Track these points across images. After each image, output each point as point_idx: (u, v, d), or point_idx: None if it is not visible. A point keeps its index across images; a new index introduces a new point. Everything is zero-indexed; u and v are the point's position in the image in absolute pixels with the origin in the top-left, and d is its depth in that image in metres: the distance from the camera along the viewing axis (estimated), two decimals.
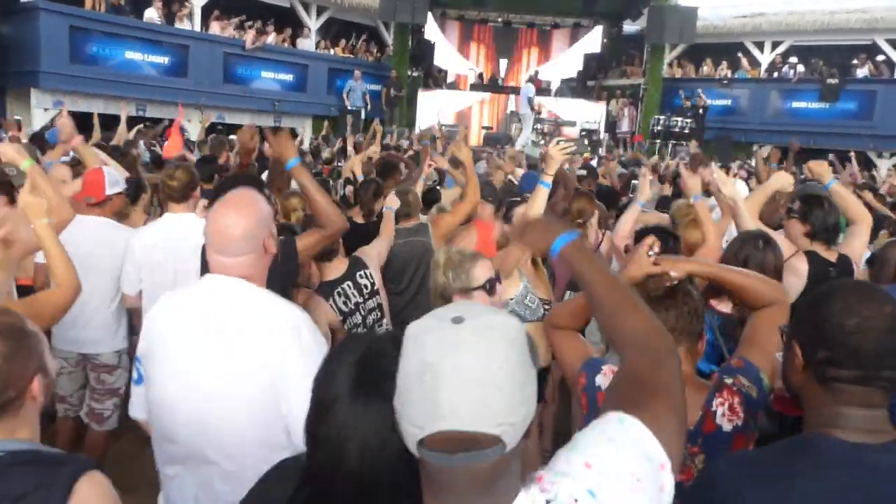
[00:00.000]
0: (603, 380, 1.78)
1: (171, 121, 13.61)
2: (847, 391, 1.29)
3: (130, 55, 13.45)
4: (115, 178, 3.64)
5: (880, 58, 16.11)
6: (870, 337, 1.27)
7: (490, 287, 2.43)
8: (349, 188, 5.99)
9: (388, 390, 1.01)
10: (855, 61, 16.11)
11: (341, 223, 2.77)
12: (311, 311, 3.14)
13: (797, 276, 3.03)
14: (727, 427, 1.76)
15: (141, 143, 8.35)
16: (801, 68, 16.72)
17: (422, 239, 4.08)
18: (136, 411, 1.95)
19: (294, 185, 5.39)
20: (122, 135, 7.72)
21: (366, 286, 3.45)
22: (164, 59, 14.02)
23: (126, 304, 3.63)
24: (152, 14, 13.72)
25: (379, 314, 3.51)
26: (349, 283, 3.41)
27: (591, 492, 0.96)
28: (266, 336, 1.77)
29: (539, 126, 15.18)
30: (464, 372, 0.89)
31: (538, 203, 3.19)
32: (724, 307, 2.65)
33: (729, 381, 1.80)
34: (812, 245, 3.26)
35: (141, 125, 10.53)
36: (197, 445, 1.77)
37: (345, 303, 3.37)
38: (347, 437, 1.09)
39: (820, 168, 3.56)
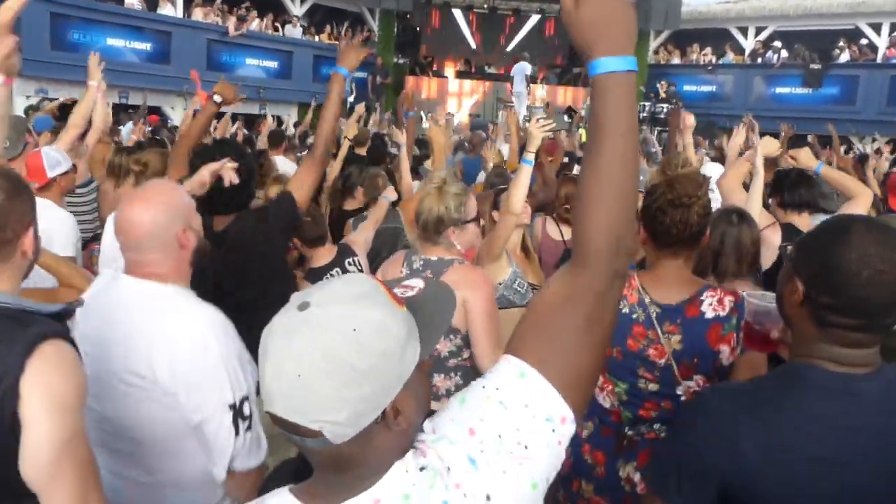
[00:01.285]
0: None
1: (152, 109, 13.51)
2: (842, 336, 1.27)
3: (112, 42, 13.30)
4: (55, 158, 3.44)
5: (863, 41, 16.24)
6: (881, 291, 1.22)
7: (478, 219, 2.56)
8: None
9: None
10: (841, 43, 16.20)
11: (329, 145, 2.89)
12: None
13: (769, 247, 3.04)
14: (709, 314, 1.88)
15: (129, 124, 8.24)
16: (784, 53, 16.82)
17: (392, 225, 4.03)
18: None
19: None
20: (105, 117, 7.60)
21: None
22: (146, 46, 13.89)
23: None
24: (133, 0, 13.56)
25: None
26: (338, 269, 3.39)
27: (471, 459, 0.90)
28: (167, 357, 1.64)
29: (527, 113, 15.15)
30: (284, 363, 0.87)
31: (522, 182, 3.10)
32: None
33: (741, 290, 1.92)
34: (787, 216, 3.32)
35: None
36: (104, 443, 1.72)
37: None
38: None
39: (803, 155, 3.49)
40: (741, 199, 3.35)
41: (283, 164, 6.30)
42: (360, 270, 3.46)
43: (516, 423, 0.93)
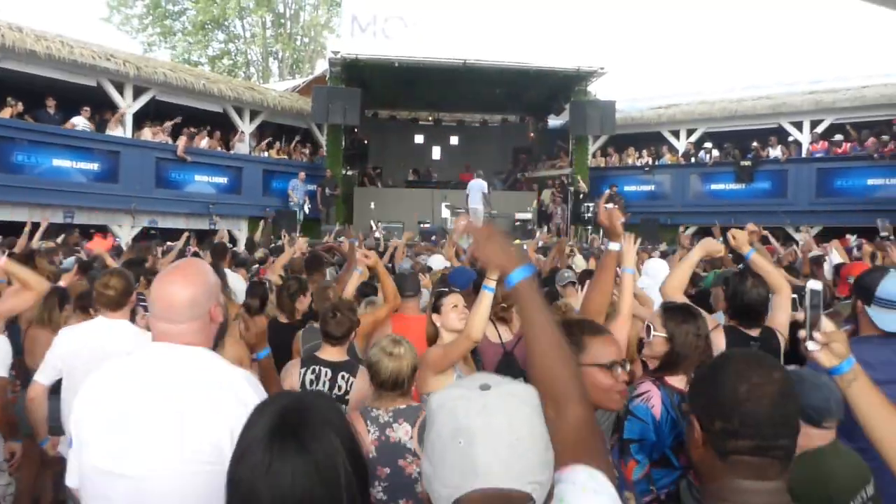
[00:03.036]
0: None
1: (100, 227, 13.40)
2: (744, 463, 1.27)
3: (58, 162, 13.31)
4: None
5: (790, 138, 17.31)
6: (763, 403, 1.27)
7: None
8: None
9: (306, 439, 1.11)
10: (755, 143, 17.23)
11: None
12: (286, 369, 3.31)
13: (715, 350, 3.02)
14: None
15: (69, 259, 8.04)
16: (716, 153, 17.78)
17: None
18: (71, 479, 1.86)
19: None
20: (21, 245, 7.45)
21: (339, 388, 3.32)
22: (93, 166, 13.92)
23: (30, 395, 3.46)
24: (79, 121, 13.68)
25: None
26: (329, 370, 3.33)
27: None
28: (214, 413, 1.68)
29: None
30: (496, 433, 0.97)
31: (483, 309, 3.13)
32: (679, 383, 2.53)
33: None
34: (732, 321, 3.31)
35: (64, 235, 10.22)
36: None
37: (311, 382, 3.30)
38: (258, 478, 1.12)
39: (741, 236, 3.51)
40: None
41: (230, 277, 6.21)
42: (347, 391, 3.32)
43: None
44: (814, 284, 1.69)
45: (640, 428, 2.25)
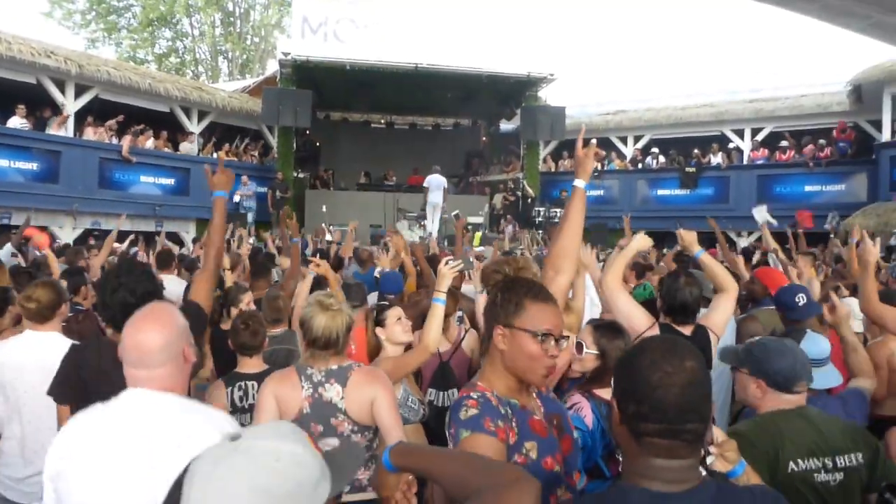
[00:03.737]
0: None
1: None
2: (655, 444, 1.36)
3: None
4: None
5: (731, 145, 17.85)
6: (672, 391, 1.35)
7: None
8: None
9: None
10: (696, 150, 17.73)
11: (218, 260, 3.02)
12: (209, 393, 3.28)
13: None
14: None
15: (7, 245, 7.82)
16: (662, 159, 18.20)
17: (288, 347, 3.99)
18: None
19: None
20: None
21: None
22: (32, 166, 13.48)
23: None
24: (14, 122, 13.23)
25: None
26: (255, 383, 3.31)
27: None
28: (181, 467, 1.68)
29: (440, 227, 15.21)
30: (209, 486, 0.97)
31: (436, 320, 3.17)
32: (607, 395, 2.55)
33: None
34: (666, 318, 3.38)
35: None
36: None
37: (241, 398, 3.28)
38: None
39: (689, 237, 3.58)
40: (625, 301, 3.39)
41: (176, 283, 6.10)
42: None
43: None
44: None
45: (581, 437, 2.31)
